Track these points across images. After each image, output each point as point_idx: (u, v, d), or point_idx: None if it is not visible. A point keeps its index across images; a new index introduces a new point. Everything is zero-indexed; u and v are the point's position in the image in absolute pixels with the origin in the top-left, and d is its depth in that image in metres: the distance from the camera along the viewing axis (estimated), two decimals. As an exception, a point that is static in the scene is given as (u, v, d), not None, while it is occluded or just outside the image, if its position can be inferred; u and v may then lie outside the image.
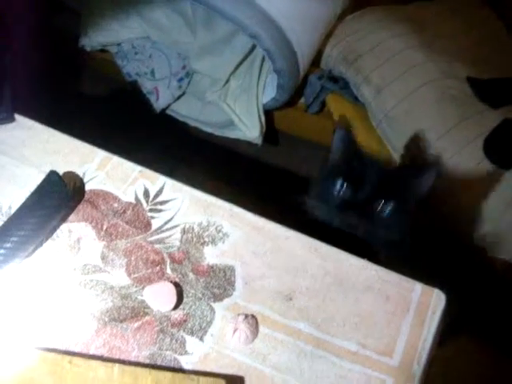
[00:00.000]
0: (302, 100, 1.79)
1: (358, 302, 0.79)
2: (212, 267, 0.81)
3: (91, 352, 0.73)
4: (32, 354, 0.70)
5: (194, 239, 0.83)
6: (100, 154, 0.91)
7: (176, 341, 0.74)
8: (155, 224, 0.85)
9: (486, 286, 1.44)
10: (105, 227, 0.84)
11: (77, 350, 0.73)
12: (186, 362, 0.73)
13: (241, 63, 1.68)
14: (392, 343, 0.76)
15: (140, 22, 1.68)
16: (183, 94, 1.75)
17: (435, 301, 0.79)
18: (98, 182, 0.88)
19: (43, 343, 0.73)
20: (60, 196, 0.82)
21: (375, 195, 1.00)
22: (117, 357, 0.73)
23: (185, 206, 0.87)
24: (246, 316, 0.75)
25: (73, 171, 0.88)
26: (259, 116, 1.69)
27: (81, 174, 0.89)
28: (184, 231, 0.84)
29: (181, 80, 1.71)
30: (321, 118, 1.83)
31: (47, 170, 0.85)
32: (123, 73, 1.73)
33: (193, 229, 0.84)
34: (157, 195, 0.88)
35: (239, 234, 0.84)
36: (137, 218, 0.85)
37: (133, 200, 0.87)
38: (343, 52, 1.76)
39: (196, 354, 0.74)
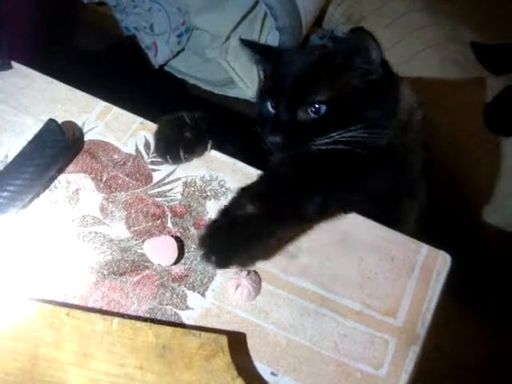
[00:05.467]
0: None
1: (362, 262, 0.77)
2: (214, 222, 0.78)
3: (89, 305, 0.72)
4: (28, 305, 0.68)
5: (196, 193, 0.81)
6: (100, 103, 0.88)
7: (177, 295, 0.73)
8: (156, 177, 0.82)
9: (478, 253, 1.44)
10: (104, 179, 0.81)
11: (74, 302, 0.72)
12: (187, 317, 0.72)
13: (242, 20, 1.63)
14: (396, 304, 0.74)
15: (140, -26, 1.62)
16: (182, 50, 1.70)
17: (441, 263, 0.78)
18: (97, 132, 0.86)
19: (39, 295, 0.71)
20: (59, 145, 0.79)
21: (300, 100, 0.84)
22: (116, 310, 0.71)
23: (187, 158, 0.84)
24: (249, 272, 0.74)
25: (72, 121, 0.85)
26: (259, 74, 1.65)
27: (80, 124, 0.86)
28: (186, 185, 0.82)
29: (180, 36, 1.66)
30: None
31: (45, 119, 0.82)
32: (121, 27, 1.68)
33: (195, 182, 0.82)
34: (158, 148, 0.85)
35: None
36: (137, 170, 0.82)
37: (133, 152, 0.84)
38: (347, 12, 1.72)
39: (197, 310, 0.72)
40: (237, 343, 0.69)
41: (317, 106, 0.83)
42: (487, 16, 1.72)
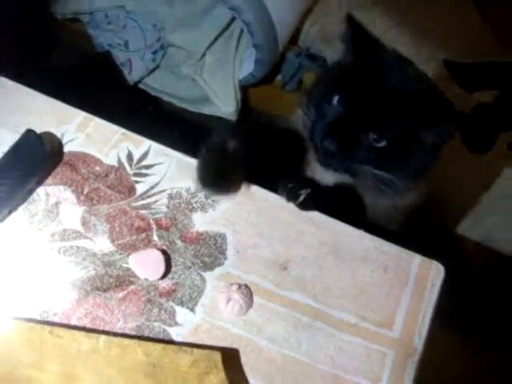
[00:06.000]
0: (279, 77, 1.74)
1: (355, 273, 0.75)
2: (201, 235, 0.76)
3: (72, 323, 0.68)
4: (4, 322, 0.63)
5: (182, 205, 0.78)
6: (80, 114, 0.85)
7: (165, 311, 0.69)
8: (140, 189, 0.79)
9: (456, 267, 1.43)
10: (85, 191, 0.78)
11: (56, 320, 0.67)
12: (177, 334, 0.68)
13: (218, 37, 1.62)
14: (391, 315, 0.72)
15: (115, -10, 1.60)
16: (157, 67, 1.68)
17: (434, 273, 0.76)
18: (77, 144, 0.82)
19: (18, 313, 0.67)
20: (37, 156, 0.75)
21: (371, 123, 0.81)
22: (101, 328, 0.67)
23: (172, 170, 0.81)
24: (240, 286, 0.71)
25: (50, 132, 0.82)
26: (235, 91, 1.64)
27: (59, 136, 0.82)
28: (171, 197, 0.79)
29: (155, 52, 1.64)
30: (296, 96, 1.78)
31: (22, 131, 0.78)
32: (95, 43, 1.65)
33: (180, 194, 0.79)
34: (141, 159, 0.82)
35: (230, 202, 0.79)
36: (120, 182, 0.79)
37: (115, 163, 0.81)
38: (322, 30, 1.72)
39: (187, 326, 0.69)
40: (230, 360, 0.66)
41: (383, 137, 0.80)
42: (460, 37, 1.74)
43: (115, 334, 0.66)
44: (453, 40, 1.69)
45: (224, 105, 1.64)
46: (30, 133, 0.77)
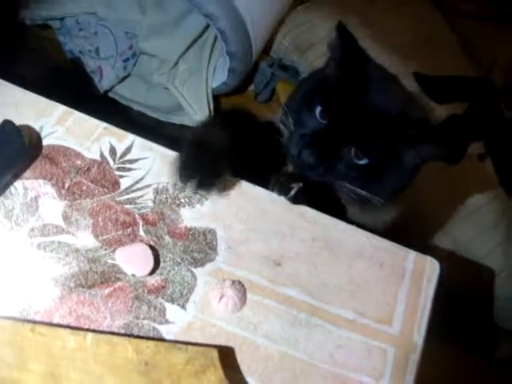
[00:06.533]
0: (251, 87, 1.73)
1: (350, 269, 0.72)
2: (190, 230, 0.72)
3: (55, 321, 0.63)
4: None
5: (169, 200, 0.74)
6: (59, 108, 0.81)
7: (154, 309, 0.65)
8: (124, 183, 0.75)
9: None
10: (66, 185, 0.73)
11: (38, 319, 0.62)
12: (167, 332, 0.64)
13: (191, 45, 1.60)
14: (390, 312, 0.70)
15: (87, -4, 1.56)
16: (128, 76, 1.64)
17: (430, 269, 0.74)
18: (56, 137, 0.78)
19: (-4, 312, 0.62)
20: (15, 147, 0.71)
21: (355, 138, 0.78)
22: (86, 326, 0.63)
23: (156, 165, 0.78)
24: (233, 281, 0.68)
25: (28, 125, 0.77)
26: (208, 100, 1.61)
27: (37, 129, 0.77)
28: (157, 192, 0.75)
29: (127, 60, 1.60)
30: (269, 106, 1.77)
31: (-2, 123, 0.73)
32: (65, 50, 1.60)
33: (167, 189, 0.75)
34: (125, 153, 0.78)
35: (218, 197, 0.75)
36: (103, 176, 0.75)
37: (98, 157, 0.77)
38: (295, 40, 1.72)
39: (178, 324, 0.65)
40: (225, 358, 0.62)
41: (365, 154, 0.78)
42: (428, 49, 1.76)
43: (102, 333, 0.61)
44: (420, 52, 1.71)
45: (196, 113, 1.61)
46: (7, 123, 0.72)
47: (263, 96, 1.73)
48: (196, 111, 1.61)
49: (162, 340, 0.62)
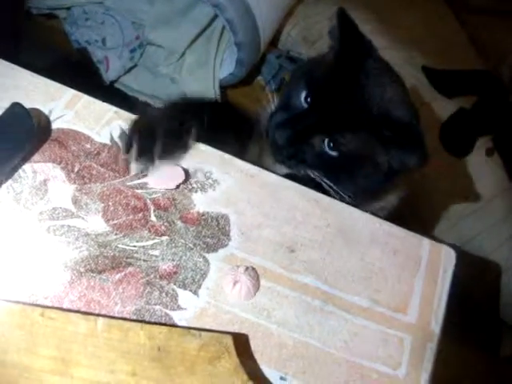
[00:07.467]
0: (259, 78, 1.71)
1: (364, 256, 0.71)
2: (203, 215, 0.71)
3: (65, 306, 0.61)
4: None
5: (181, 185, 0.73)
6: (68, 92, 0.79)
7: (166, 294, 0.64)
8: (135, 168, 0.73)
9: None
10: (76, 169, 0.72)
11: (47, 303, 0.61)
12: (180, 319, 0.63)
13: (198, 36, 1.58)
14: (405, 300, 0.69)
15: (94, -15, 1.55)
16: (134, 66, 1.62)
17: (446, 258, 0.73)
18: (66, 121, 0.76)
19: (4, 296, 0.60)
20: (24, 129, 0.69)
21: (328, 127, 0.77)
22: (96, 312, 0.61)
23: (168, 150, 0.76)
24: (247, 267, 0.66)
25: (37, 108, 0.76)
26: (215, 92, 1.59)
27: (46, 112, 0.76)
28: (168, 177, 0.73)
29: (133, 51, 1.58)
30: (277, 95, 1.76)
31: (6, 106, 0.72)
32: (71, 40, 1.58)
33: (178, 175, 0.74)
34: (135, 138, 0.76)
35: (231, 182, 0.74)
36: (113, 160, 0.73)
37: (108, 142, 0.75)
38: (303, 32, 1.71)
39: (191, 310, 0.63)
40: (239, 345, 0.61)
41: (335, 146, 0.77)
42: (437, 43, 1.75)
43: (114, 318, 0.60)
44: (429, 46, 1.70)
45: (204, 105, 1.59)
46: (16, 106, 0.71)
47: (270, 88, 1.71)
48: (203, 102, 1.59)
49: (175, 326, 0.61)
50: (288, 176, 0.77)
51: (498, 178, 1.50)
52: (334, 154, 0.78)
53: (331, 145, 0.77)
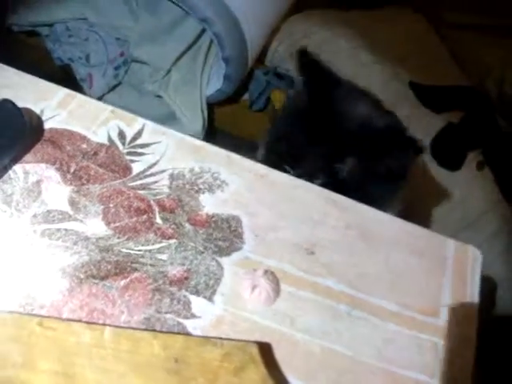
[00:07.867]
0: (245, 97, 1.67)
1: (388, 258, 0.66)
2: (212, 217, 0.65)
3: (64, 316, 0.54)
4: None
5: (187, 186, 0.67)
6: (60, 91, 0.74)
7: (178, 302, 0.57)
8: (136, 168, 0.68)
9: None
10: (72, 170, 0.66)
11: (44, 314, 0.54)
12: (194, 327, 0.56)
13: (184, 53, 1.54)
14: (435, 303, 0.63)
15: (77, 1, 1.49)
16: (118, 84, 1.57)
17: (472, 258, 0.68)
18: (59, 121, 0.71)
19: (-3, 307, 0.53)
20: (15, 126, 0.63)
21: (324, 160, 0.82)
22: (101, 322, 0.54)
23: (170, 150, 0.71)
24: (266, 271, 0.60)
25: (28, 107, 0.70)
26: (202, 109, 1.55)
27: (38, 112, 0.70)
28: (173, 177, 0.68)
29: (118, 68, 1.53)
30: (264, 116, 1.72)
31: (-6, 105, 0.65)
32: (54, 57, 1.52)
33: (183, 175, 0.68)
34: (135, 138, 0.71)
35: (240, 183, 0.69)
36: (112, 160, 0.67)
37: (105, 141, 0.69)
38: (290, 48, 1.68)
39: (205, 318, 0.57)
40: (263, 355, 0.54)
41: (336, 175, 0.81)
42: (420, 60, 1.74)
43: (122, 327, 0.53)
44: (412, 62, 1.69)
45: (190, 122, 1.54)
46: (6, 102, 0.64)
47: (258, 105, 1.68)
48: (190, 119, 1.55)
49: (191, 335, 0.54)
50: None
51: (489, 192, 1.48)
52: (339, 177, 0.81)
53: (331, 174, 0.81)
